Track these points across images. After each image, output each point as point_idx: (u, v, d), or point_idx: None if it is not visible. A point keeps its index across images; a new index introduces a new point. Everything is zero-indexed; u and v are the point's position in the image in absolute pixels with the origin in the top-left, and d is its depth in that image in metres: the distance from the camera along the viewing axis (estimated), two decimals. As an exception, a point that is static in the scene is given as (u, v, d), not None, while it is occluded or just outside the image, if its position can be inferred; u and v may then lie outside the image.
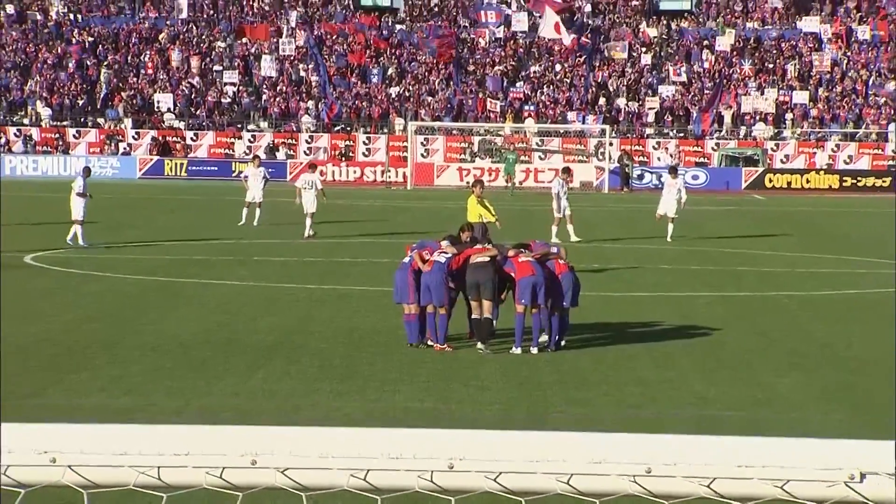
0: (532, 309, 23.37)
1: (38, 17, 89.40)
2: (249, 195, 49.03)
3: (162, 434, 3.53)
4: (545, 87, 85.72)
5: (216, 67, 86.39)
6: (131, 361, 22.47)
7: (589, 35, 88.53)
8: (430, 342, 23.40)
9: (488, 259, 23.46)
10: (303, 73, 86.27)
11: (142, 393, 20.07)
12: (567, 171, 48.19)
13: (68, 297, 30.33)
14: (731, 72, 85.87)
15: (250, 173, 50.94)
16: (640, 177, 72.98)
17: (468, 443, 3.36)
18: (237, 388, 20.52)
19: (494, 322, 23.82)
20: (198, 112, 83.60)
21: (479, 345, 23.24)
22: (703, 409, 19.64)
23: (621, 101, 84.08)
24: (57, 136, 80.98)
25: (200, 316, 27.58)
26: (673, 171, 53.35)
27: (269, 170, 55.33)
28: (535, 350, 23.25)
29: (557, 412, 19.38)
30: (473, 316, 23.56)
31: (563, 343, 23.73)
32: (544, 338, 23.57)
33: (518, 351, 23.26)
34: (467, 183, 75.52)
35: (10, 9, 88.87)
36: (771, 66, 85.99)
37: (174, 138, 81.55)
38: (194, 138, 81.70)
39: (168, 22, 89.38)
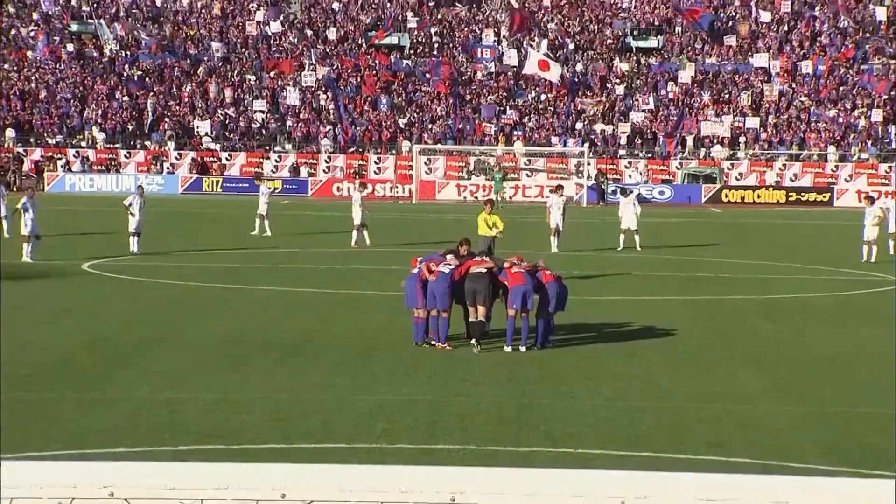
0: (521, 313, 23.48)
1: (94, 54, 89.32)
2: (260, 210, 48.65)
3: (205, 471, 3.57)
4: (532, 114, 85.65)
5: (247, 97, 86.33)
6: (174, 358, 22.56)
7: (569, 70, 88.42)
8: (432, 341, 23.51)
9: (485, 270, 23.58)
10: (322, 102, 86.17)
11: (183, 387, 20.14)
12: (559, 187, 48.08)
13: (120, 300, 30.25)
14: (692, 101, 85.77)
15: (263, 187, 50.84)
16: (614, 192, 72.87)
17: (468, 479, 3.40)
18: (266, 383, 20.51)
19: (488, 324, 23.98)
20: (231, 136, 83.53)
21: (474, 343, 23.37)
22: (668, 402, 19.68)
23: (598, 126, 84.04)
24: (110, 156, 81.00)
25: (234, 318, 27.59)
26: (623, 191, 53.52)
27: (274, 187, 54.45)
28: (523, 349, 23.35)
29: (542, 402, 19.46)
30: (470, 319, 23.68)
31: (548, 343, 23.80)
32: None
33: (509, 349, 23.34)
34: (464, 198, 75.78)
35: (70, 47, 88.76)
36: (727, 95, 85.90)
37: (211, 159, 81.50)
38: (228, 158, 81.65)
39: (206, 58, 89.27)
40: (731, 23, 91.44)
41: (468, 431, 17.54)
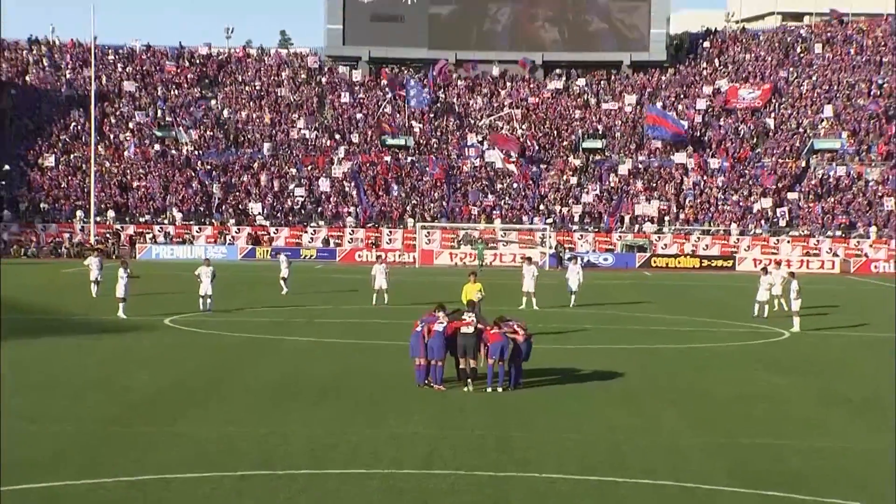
0: (499, 361, 23.40)
1: (174, 153, 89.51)
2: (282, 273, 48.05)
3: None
4: (507, 198, 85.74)
5: (290, 185, 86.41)
6: (232, 399, 22.27)
7: (532, 165, 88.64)
8: (432, 384, 23.41)
9: (473, 330, 23.53)
10: (347, 189, 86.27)
11: (240, 423, 19.86)
12: (529, 259, 47.89)
13: (193, 350, 29.96)
14: (628, 188, 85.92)
15: (281, 257, 50.36)
16: (569, 258, 72.93)
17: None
18: (304, 419, 20.26)
19: (476, 371, 23.89)
20: (277, 215, 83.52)
21: (469, 384, 23.28)
22: (611, 434, 19.45)
23: (557, 208, 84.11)
24: (185, 231, 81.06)
25: (279, 364, 27.28)
26: (572, 259, 53.40)
27: (289, 254, 53.40)
28: (500, 389, 23.19)
29: (514, 434, 19.32)
30: (461, 367, 23.61)
31: (519, 384, 23.68)
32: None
33: (489, 390, 23.18)
34: (455, 263, 75.65)
35: (156, 147, 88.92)
36: (654, 185, 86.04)
37: (262, 233, 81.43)
38: (275, 232, 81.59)
39: (259, 156, 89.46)
40: (669, 138, 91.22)
41: (459, 459, 17.41)
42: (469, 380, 23.39)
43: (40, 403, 21.51)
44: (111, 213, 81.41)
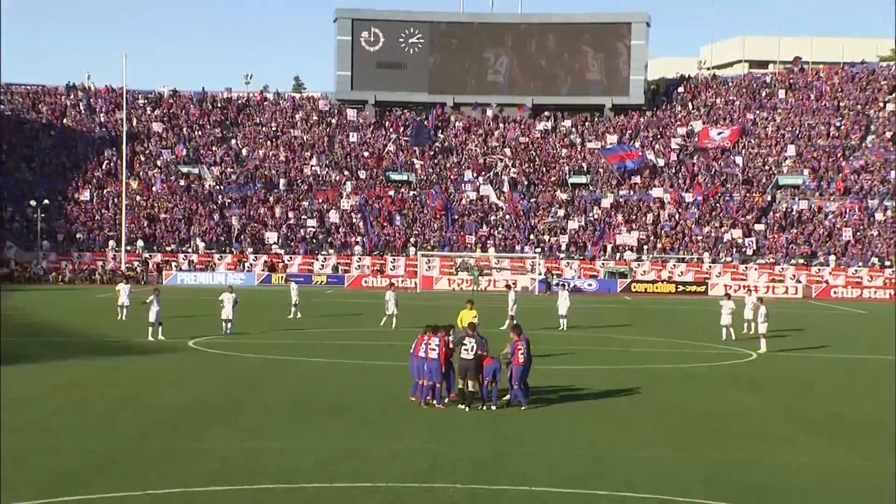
0: (493, 382, 23.33)
1: (197, 188, 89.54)
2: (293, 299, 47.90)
3: None
4: (500, 228, 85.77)
5: (302, 217, 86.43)
6: (251, 416, 22.12)
7: (523, 198, 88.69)
8: (434, 403, 23.28)
9: (472, 357, 23.32)
10: (354, 220, 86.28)
11: (259, 437, 19.77)
12: (510, 286, 47.62)
13: (215, 370, 29.74)
14: (610, 220, 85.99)
15: (291, 284, 50.17)
16: (557, 284, 72.95)
17: None
18: (315, 435, 20.15)
19: (475, 393, 23.74)
20: (291, 244, 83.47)
21: (463, 406, 23.10)
22: (594, 449, 19.35)
23: (545, 237, 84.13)
24: (208, 259, 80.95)
25: (293, 384, 27.06)
26: (561, 286, 53.16)
27: (301, 280, 54.06)
28: (494, 407, 23.10)
29: (508, 450, 19.24)
30: (460, 387, 23.48)
31: (528, 399, 23.50)
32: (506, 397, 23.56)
33: (484, 408, 23.08)
34: (453, 288, 75.52)
35: (181, 182, 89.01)
36: (634, 217, 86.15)
37: (277, 260, 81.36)
38: (289, 260, 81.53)
39: (274, 190, 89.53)
40: (636, 165, 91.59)
41: (457, 473, 17.34)
42: (466, 405, 23.18)
43: (77, 420, 21.44)
44: (140, 243, 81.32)
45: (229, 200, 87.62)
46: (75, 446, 18.85)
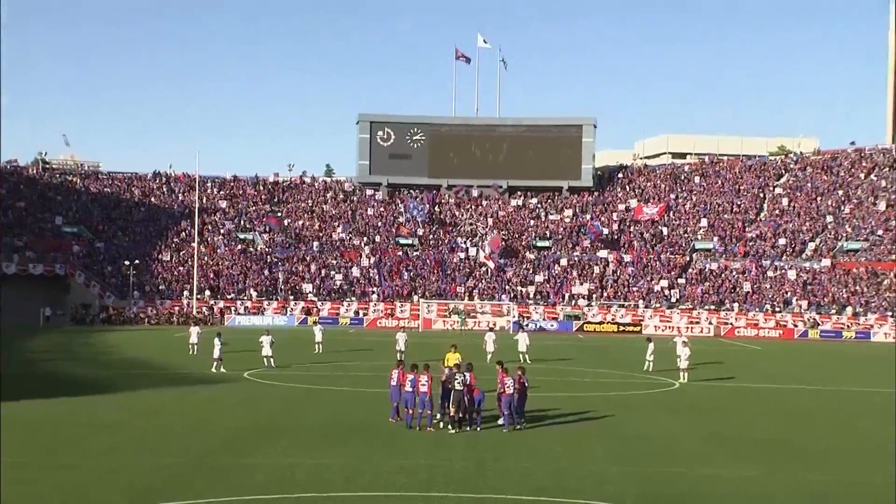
0: (476, 411, 23.11)
1: (251, 250, 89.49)
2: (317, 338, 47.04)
3: None
4: (483, 280, 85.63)
5: (331, 272, 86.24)
6: (293, 437, 21.75)
7: (501, 257, 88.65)
8: (427, 427, 22.94)
9: (462, 388, 23.17)
10: (371, 274, 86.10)
11: (298, 455, 19.48)
12: (491, 328, 46.90)
13: (265, 398, 29.16)
14: (567, 275, 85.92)
15: (316, 327, 49.58)
16: (527, 326, 72.57)
17: None
18: (340, 452, 19.89)
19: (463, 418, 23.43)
20: (322, 293, 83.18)
21: (451, 428, 22.80)
22: (556, 464, 19.21)
23: (519, 288, 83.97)
24: (259, 305, 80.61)
25: (325, 409, 26.66)
26: (520, 326, 52.43)
27: (328, 322, 53.36)
28: (479, 429, 22.92)
29: (492, 465, 19.06)
30: (451, 414, 23.21)
31: (523, 420, 23.18)
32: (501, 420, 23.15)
33: (469, 429, 22.85)
34: (447, 328, 75.11)
35: (238, 246, 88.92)
36: (585, 272, 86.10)
37: (312, 306, 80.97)
38: (321, 305, 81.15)
39: (310, 251, 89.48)
40: (587, 233, 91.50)
41: (450, 484, 17.20)
42: (452, 428, 22.70)
43: (158, 440, 21.25)
44: (207, 292, 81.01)
45: (276, 259, 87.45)
46: (156, 463, 18.67)
